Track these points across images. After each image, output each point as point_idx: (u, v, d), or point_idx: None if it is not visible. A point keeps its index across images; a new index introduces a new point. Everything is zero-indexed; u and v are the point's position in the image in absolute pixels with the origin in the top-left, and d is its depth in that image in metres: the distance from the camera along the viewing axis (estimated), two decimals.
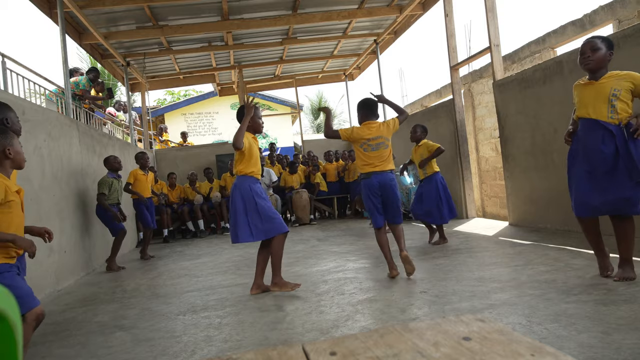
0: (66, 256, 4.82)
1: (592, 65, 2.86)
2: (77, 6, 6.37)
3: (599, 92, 2.84)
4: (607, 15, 6.13)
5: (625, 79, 2.80)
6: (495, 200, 8.50)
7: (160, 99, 20.75)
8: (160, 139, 12.49)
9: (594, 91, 2.87)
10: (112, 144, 7.19)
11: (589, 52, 2.86)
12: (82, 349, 2.70)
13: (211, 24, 7.98)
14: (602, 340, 2.00)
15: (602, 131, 2.80)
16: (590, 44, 2.87)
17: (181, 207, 8.55)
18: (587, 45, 2.88)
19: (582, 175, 2.91)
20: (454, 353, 0.63)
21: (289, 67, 11.80)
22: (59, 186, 4.84)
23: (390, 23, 9.07)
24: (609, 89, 2.80)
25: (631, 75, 2.80)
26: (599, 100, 2.83)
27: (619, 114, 2.78)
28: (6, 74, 5.23)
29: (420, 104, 11.85)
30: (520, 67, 7.60)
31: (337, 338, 0.71)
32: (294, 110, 15.92)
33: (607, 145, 2.77)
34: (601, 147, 2.79)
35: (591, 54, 2.85)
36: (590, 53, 2.85)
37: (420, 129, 5.26)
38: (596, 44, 2.85)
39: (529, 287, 2.97)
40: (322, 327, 2.61)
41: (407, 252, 3.59)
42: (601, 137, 2.80)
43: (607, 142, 2.78)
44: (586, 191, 2.87)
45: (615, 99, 2.77)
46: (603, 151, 2.77)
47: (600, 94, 2.83)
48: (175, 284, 4.33)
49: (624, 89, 2.78)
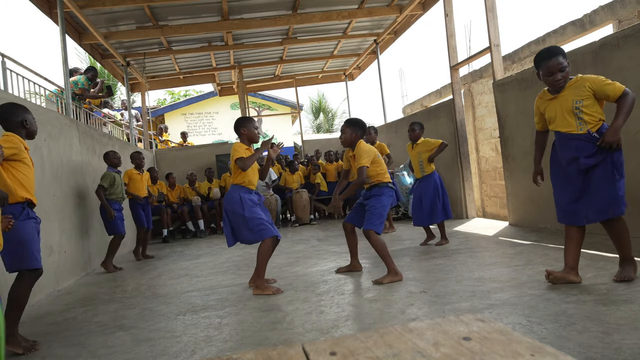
0: (66, 256, 4.82)
1: (563, 86, 2.82)
2: (77, 6, 6.37)
3: (563, 106, 2.81)
4: (607, 15, 6.14)
5: (581, 86, 2.74)
6: (495, 200, 8.50)
7: (160, 99, 20.76)
8: (160, 139, 12.50)
9: (558, 105, 2.84)
10: (112, 143, 7.19)
11: (558, 73, 2.78)
12: (82, 349, 2.70)
13: (211, 24, 7.98)
14: (602, 340, 2.00)
15: (574, 141, 2.79)
16: (560, 64, 2.77)
17: (181, 207, 8.55)
18: (556, 65, 2.78)
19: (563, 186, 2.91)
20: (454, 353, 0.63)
21: (289, 67, 11.81)
22: (59, 186, 4.84)
23: (390, 23, 9.08)
24: (570, 102, 2.77)
25: (586, 81, 2.74)
26: (565, 113, 2.80)
27: (588, 123, 2.74)
28: (6, 74, 5.23)
29: (420, 104, 11.86)
30: (520, 67, 7.60)
31: (337, 338, 0.71)
32: (294, 110, 15.92)
33: (581, 151, 2.76)
34: (575, 154, 2.78)
35: (562, 75, 2.78)
36: (561, 75, 2.78)
37: (417, 126, 5.19)
38: (563, 63, 2.77)
39: (529, 287, 2.97)
40: (322, 327, 2.61)
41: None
42: (574, 146, 2.78)
43: (581, 149, 2.76)
44: (570, 202, 2.87)
45: (579, 111, 2.74)
46: (580, 161, 2.76)
47: (564, 107, 2.80)
48: (175, 284, 4.33)
49: (584, 98, 2.73)
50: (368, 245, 5.57)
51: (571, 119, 2.79)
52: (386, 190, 3.67)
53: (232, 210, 3.59)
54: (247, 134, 3.73)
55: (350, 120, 3.85)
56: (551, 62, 2.80)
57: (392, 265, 3.56)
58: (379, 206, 3.60)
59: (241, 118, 3.89)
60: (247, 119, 3.85)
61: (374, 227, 3.56)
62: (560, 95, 2.83)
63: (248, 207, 3.55)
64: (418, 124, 5.25)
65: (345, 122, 3.85)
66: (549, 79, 2.84)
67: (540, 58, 2.87)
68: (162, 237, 8.25)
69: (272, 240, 3.60)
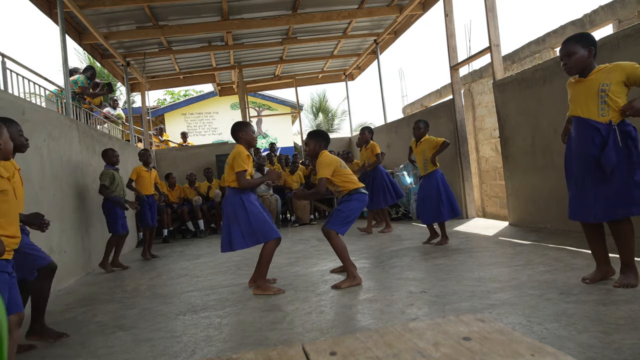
0: (66, 256, 4.82)
1: (572, 71, 2.82)
2: (77, 6, 6.37)
3: (588, 89, 2.75)
4: (607, 15, 6.14)
5: (614, 70, 2.69)
6: (495, 200, 8.50)
7: (160, 99, 20.76)
8: (161, 139, 12.50)
9: (583, 88, 2.79)
10: (112, 143, 7.19)
11: (565, 58, 2.80)
12: (82, 349, 2.70)
13: (211, 24, 7.98)
14: (602, 340, 2.00)
15: (591, 131, 2.72)
16: (565, 49, 2.80)
17: (181, 207, 8.55)
18: (562, 51, 2.82)
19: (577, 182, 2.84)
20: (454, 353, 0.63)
21: (289, 67, 11.80)
22: (59, 186, 4.84)
23: (390, 23, 9.08)
24: (597, 85, 2.71)
25: (619, 66, 2.69)
26: (588, 98, 2.74)
27: (610, 109, 2.67)
28: (6, 74, 5.23)
29: (420, 104, 11.86)
30: (520, 67, 7.60)
31: (337, 338, 0.71)
32: (294, 110, 15.92)
33: (597, 146, 2.69)
34: (592, 149, 2.71)
35: (568, 61, 2.79)
36: (566, 59, 2.80)
37: (423, 124, 5.17)
38: (570, 49, 2.77)
39: (529, 287, 2.97)
40: (322, 327, 2.61)
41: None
42: (591, 137, 2.72)
43: (597, 143, 2.69)
44: (580, 197, 2.80)
45: (605, 95, 2.67)
46: (594, 155, 2.69)
47: (589, 91, 2.75)
48: (175, 284, 4.33)
49: (614, 82, 2.66)
50: (367, 245, 5.60)
51: (593, 105, 2.72)
52: (356, 195, 3.64)
53: (234, 212, 3.57)
54: (245, 138, 3.71)
55: (312, 132, 3.87)
56: (561, 47, 2.85)
57: (351, 269, 3.55)
58: (345, 210, 3.59)
59: (238, 123, 3.84)
60: (245, 123, 3.82)
61: (334, 226, 3.55)
62: (587, 78, 2.77)
63: (251, 207, 3.56)
64: (423, 121, 5.22)
65: (308, 135, 3.86)
66: (561, 64, 2.88)
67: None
68: (162, 237, 8.25)
69: (276, 242, 3.60)
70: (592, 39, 2.80)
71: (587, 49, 2.76)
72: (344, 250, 3.57)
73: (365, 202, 3.68)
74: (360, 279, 3.55)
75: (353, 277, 3.53)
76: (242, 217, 3.55)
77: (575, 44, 2.78)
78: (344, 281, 3.53)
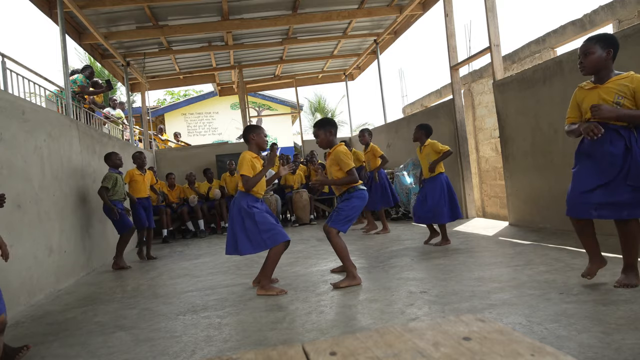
0: (66, 256, 4.82)
1: (586, 71, 2.77)
2: (77, 6, 6.37)
3: (603, 98, 2.69)
4: (607, 15, 6.14)
5: (628, 82, 2.65)
6: (495, 200, 8.50)
7: (160, 99, 20.77)
8: (161, 138, 12.51)
9: (597, 96, 2.73)
10: (112, 143, 7.19)
11: (581, 57, 2.76)
12: (82, 349, 2.70)
13: (211, 24, 7.99)
14: (602, 340, 2.00)
15: (609, 131, 2.66)
16: (583, 48, 2.75)
17: (181, 207, 8.55)
18: (580, 49, 2.77)
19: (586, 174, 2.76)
20: (454, 353, 0.63)
21: (289, 67, 11.81)
22: (59, 186, 4.84)
23: (390, 23, 9.08)
24: (613, 95, 2.66)
25: (634, 78, 2.65)
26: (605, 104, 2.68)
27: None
28: (6, 74, 5.23)
29: (420, 104, 11.86)
30: (520, 67, 7.60)
31: (337, 338, 0.71)
32: (294, 110, 15.92)
33: (615, 146, 2.64)
34: (610, 148, 2.65)
35: (584, 60, 2.75)
36: (582, 58, 2.75)
37: (419, 129, 5.17)
38: (589, 48, 2.73)
39: (529, 287, 2.97)
40: (322, 327, 2.61)
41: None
42: (609, 137, 2.66)
43: (615, 142, 2.65)
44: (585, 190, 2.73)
45: (620, 105, 2.63)
46: (612, 153, 2.64)
47: (604, 100, 2.68)
48: (175, 284, 4.33)
49: (625, 96, 2.63)
50: (366, 245, 5.59)
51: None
52: (356, 193, 3.63)
53: (241, 217, 3.59)
54: (256, 141, 3.79)
55: (318, 122, 3.81)
56: (581, 45, 2.80)
57: (351, 269, 3.56)
58: (346, 208, 3.58)
59: (251, 125, 3.95)
60: (257, 126, 3.92)
61: (336, 225, 3.54)
62: (603, 85, 2.73)
63: (258, 213, 3.58)
64: (423, 126, 5.18)
65: (315, 126, 3.80)
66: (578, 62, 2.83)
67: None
68: (162, 237, 8.25)
69: (284, 244, 3.61)
70: (613, 41, 2.74)
71: (606, 50, 2.71)
72: (344, 250, 3.58)
73: (365, 199, 3.69)
74: (360, 279, 3.56)
75: (353, 277, 3.53)
76: (249, 224, 3.56)
77: (594, 43, 2.73)
78: (344, 280, 3.53)
